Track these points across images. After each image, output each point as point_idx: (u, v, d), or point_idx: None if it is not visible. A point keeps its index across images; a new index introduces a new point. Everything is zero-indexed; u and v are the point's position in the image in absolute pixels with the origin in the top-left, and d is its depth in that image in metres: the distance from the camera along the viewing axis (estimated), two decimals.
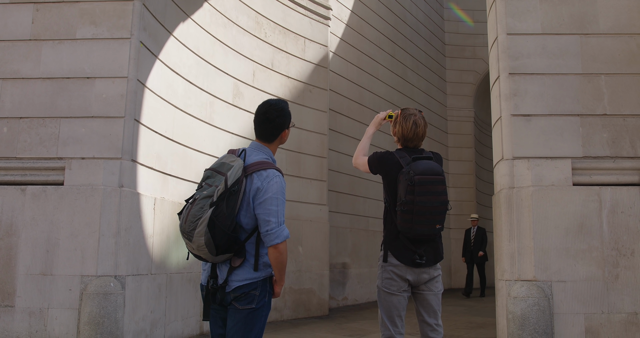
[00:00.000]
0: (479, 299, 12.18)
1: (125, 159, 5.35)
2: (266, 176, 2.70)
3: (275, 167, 2.78)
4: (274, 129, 2.85)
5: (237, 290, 2.69)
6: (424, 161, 3.32)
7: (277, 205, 2.68)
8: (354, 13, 11.57)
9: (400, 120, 3.50)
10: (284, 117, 2.86)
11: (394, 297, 3.35)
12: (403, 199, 3.21)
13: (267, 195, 2.66)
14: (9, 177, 5.31)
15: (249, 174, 2.70)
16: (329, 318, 8.60)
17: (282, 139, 2.92)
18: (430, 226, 3.27)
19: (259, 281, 2.72)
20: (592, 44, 5.33)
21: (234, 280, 2.70)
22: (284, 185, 2.75)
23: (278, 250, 2.69)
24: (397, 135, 3.54)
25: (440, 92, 15.68)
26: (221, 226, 2.56)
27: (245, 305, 2.69)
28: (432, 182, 3.23)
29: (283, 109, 2.87)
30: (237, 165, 2.67)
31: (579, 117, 5.23)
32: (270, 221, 2.66)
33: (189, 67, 6.83)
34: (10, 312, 5.07)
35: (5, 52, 5.53)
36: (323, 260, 9.07)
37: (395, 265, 3.35)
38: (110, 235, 5.16)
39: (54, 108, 5.42)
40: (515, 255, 5.06)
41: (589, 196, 5.06)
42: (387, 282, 3.36)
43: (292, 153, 8.85)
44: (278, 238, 2.67)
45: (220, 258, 2.67)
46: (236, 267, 2.70)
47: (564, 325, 4.89)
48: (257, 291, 2.71)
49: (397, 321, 3.35)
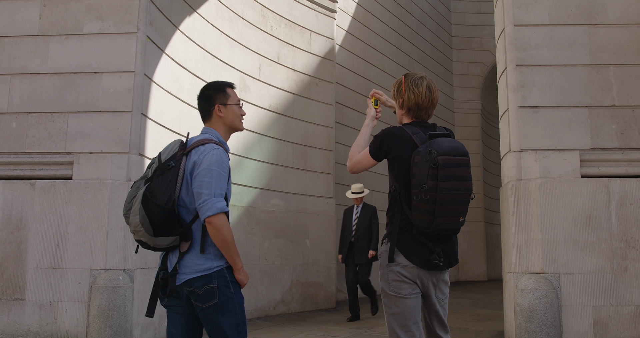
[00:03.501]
0: (487, 291, 11.94)
1: (133, 153, 5.37)
2: (203, 150, 2.55)
3: (216, 142, 2.61)
4: (203, 104, 2.74)
5: (189, 284, 2.48)
6: (445, 138, 2.70)
7: (211, 177, 2.48)
8: (359, 5, 11.52)
9: (410, 86, 2.84)
10: (212, 93, 2.72)
11: (407, 300, 2.72)
12: (424, 186, 2.58)
13: (202, 167, 2.50)
14: (18, 172, 5.35)
15: (188, 151, 2.57)
16: (336, 311, 8.62)
17: (220, 117, 2.72)
18: (454, 219, 2.65)
19: (213, 272, 2.49)
20: (601, 34, 5.29)
21: (184, 271, 2.49)
22: (224, 158, 2.55)
23: (213, 225, 2.43)
24: (405, 107, 2.88)
25: (447, 84, 15.61)
26: (155, 200, 2.41)
27: (207, 302, 2.47)
28: (458, 164, 2.63)
29: (212, 84, 2.77)
30: (173, 142, 2.61)
31: (587, 108, 5.20)
32: (202, 194, 2.46)
33: (196, 61, 6.84)
34: (21, 305, 5.12)
35: (13, 48, 5.55)
36: (330, 253, 9.09)
37: (404, 266, 2.72)
38: (119, 228, 5.19)
39: (62, 103, 5.44)
40: (522, 248, 5.05)
41: (597, 188, 5.03)
42: (396, 285, 2.72)
43: (298, 146, 8.86)
44: (210, 210, 2.43)
45: (163, 242, 2.49)
46: (185, 252, 2.51)
47: (572, 318, 4.89)
48: (215, 284, 2.47)
49: (414, 329, 2.72)
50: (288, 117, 8.75)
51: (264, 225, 7.93)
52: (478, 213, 15.19)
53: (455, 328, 6.82)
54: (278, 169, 8.33)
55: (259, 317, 7.69)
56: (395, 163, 2.80)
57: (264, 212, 8.01)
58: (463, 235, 14.74)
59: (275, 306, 8.08)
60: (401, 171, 2.75)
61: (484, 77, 16.04)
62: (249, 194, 7.81)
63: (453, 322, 7.37)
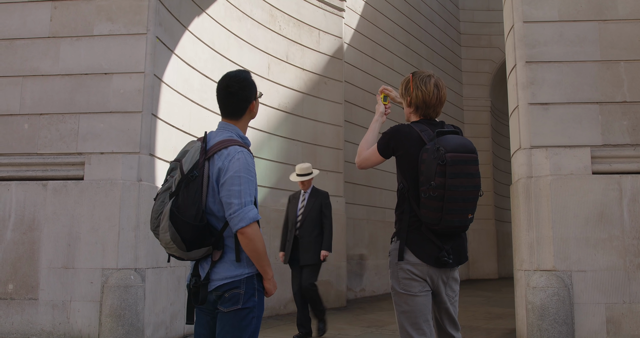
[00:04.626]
0: (498, 289, 11.93)
1: (144, 153, 5.40)
2: (227, 154, 2.38)
3: (239, 143, 2.44)
4: (239, 103, 2.52)
5: (218, 289, 2.41)
6: (453, 135, 2.73)
7: (240, 184, 2.34)
8: (368, 4, 11.50)
9: (418, 84, 2.85)
10: (248, 89, 2.53)
11: (418, 298, 2.74)
12: (432, 183, 2.60)
13: (228, 175, 2.35)
14: (30, 172, 5.39)
15: (210, 156, 2.40)
16: (346, 310, 8.63)
17: (252, 112, 2.59)
18: (463, 216, 2.67)
19: (243, 278, 2.41)
20: (611, 30, 5.25)
21: (215, 278, 2.41)
22: (251, 162, 2.41)
23: (246, 236, 2.34)
24: (413, 105, 2.89)
25: (456, 82, 15.55)
26: (183, 217, 2.29)
27: (230, 306, 2.39)
28: (466, 161, 2.65)
29: (245, 79, 2.55)
30: (193, 149, 2.41)
31: (598, 105, 5.17)
32: (232, 204, 2.32)
33: (205, 61, 6.86)
34: (34, 304, 5.16)
35: (24, 50, 5.60)
36: (340, 251, 9.09)
37: (413, 263, 2.74)
38: (130, 228, 5.22)
39: (73, 104, 5.48)
40: (534, 245, 5.03)
41: (609, 184, 5.00)
42: (406, 283, 2.74)
43: (307, 145, 8.87)
44: (242, 221, 2.32)
45: (196, 254, 2.39)
46: (217, 261, 2.42)
47: (584, 315, 4.86)
48: (242, 290, 2.40)
49: (425, 326, 2.73)
50: (297, 116, 8.76)
51: (274, 224, 7.94)
52: (488, 211, 15.13)
53: (467, 327, 6.80)
54: (288, 168, 8.34)
55: (270, 315, 7.70)
56: (403, 161, 2.81)
57: (274, 211, 8.02)
58: (473, 233, 14.70)
59: (286, 305, 8.10)
60: (409, 168, 2.76)
61: (493, 75, 15.97)
62: (259, 194, 7.82)
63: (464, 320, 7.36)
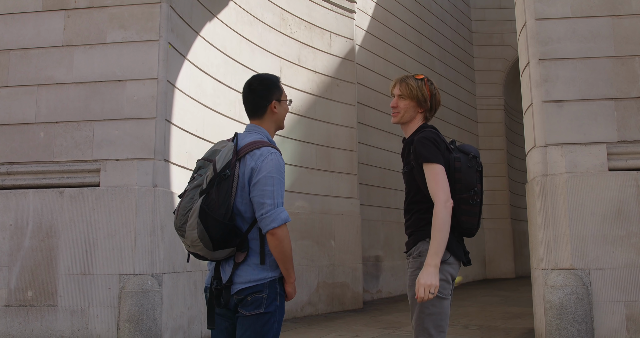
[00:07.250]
0: (516, 288, 11.83)
1: (158, 159, 5.44)
2: (260, 154, 2.41)
3: (270, 145, 2.47)
4: (258, 100, 2.54)
5: (240, 293, 2.39)
6: (462, 143, 2.84)
7: (273, 185, 2.37)
8: (378, 5, 11.49)
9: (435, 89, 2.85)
10: (268, 88, 2.56)
11: (446, 301, 2.69)
12: (476, 190, 2.67)
13: (261, 174, 2.36)
14: (47, 180, 5.46)
15: (241, 156, 2.41)
16: (363, 312, 8.61)
17: (274, 114, 2.57)
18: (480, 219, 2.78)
19: (266, 282, 2.40)
20: (625, 25, 5.20)
21: (238, 281, 2.40)
22: (282, 163, 2.44)
23: (276, 237, 2.36)
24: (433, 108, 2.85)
25: (469, 81, 15.48)
26: (214, 215, 2.28)
27: (252, 310, 2.38)
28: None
29: (268, 78, 2.58)
30: (226, 148, 2.41)
31: (613, 101, 5.11)
32: (265, 204, 2.35)
33: (217, 66, 6.90)
34: (53, 311, 5.22)
35: (39, 59, 5.67)
36: (356, 253, 9.08)
37: (450, 263, 2.70)
38: (146, 234, 5.26)
39: (88, 112, 5.54)
40: (551, 244, 4.99)
41: (626, 181, 4.95)
42: (443, 285, 2.66)
43: (321, 148, 8.87)
44: (274, 222, 2.35)
45: (220, 255, 2.39)
46: (240, 263, 2.40)
47: (603, 314, 4.81)
48: (265, 294, 2.39)
49: (446, 329, 2.73)
50: (310, 119, 8.77)
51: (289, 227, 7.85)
52: (504, 210, 15.03)
53: (485, 326, 6.76)
54: (302, 171, 8.35)
55: (286, 318, 7.71)
56: None
57: (289, 214, 8.02)
58: (490, 232, 14.61)
59: (303, 307, 8.10)
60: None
61: (506, 73, 15.86)
62: None
63: (482, 320, 7.31)
